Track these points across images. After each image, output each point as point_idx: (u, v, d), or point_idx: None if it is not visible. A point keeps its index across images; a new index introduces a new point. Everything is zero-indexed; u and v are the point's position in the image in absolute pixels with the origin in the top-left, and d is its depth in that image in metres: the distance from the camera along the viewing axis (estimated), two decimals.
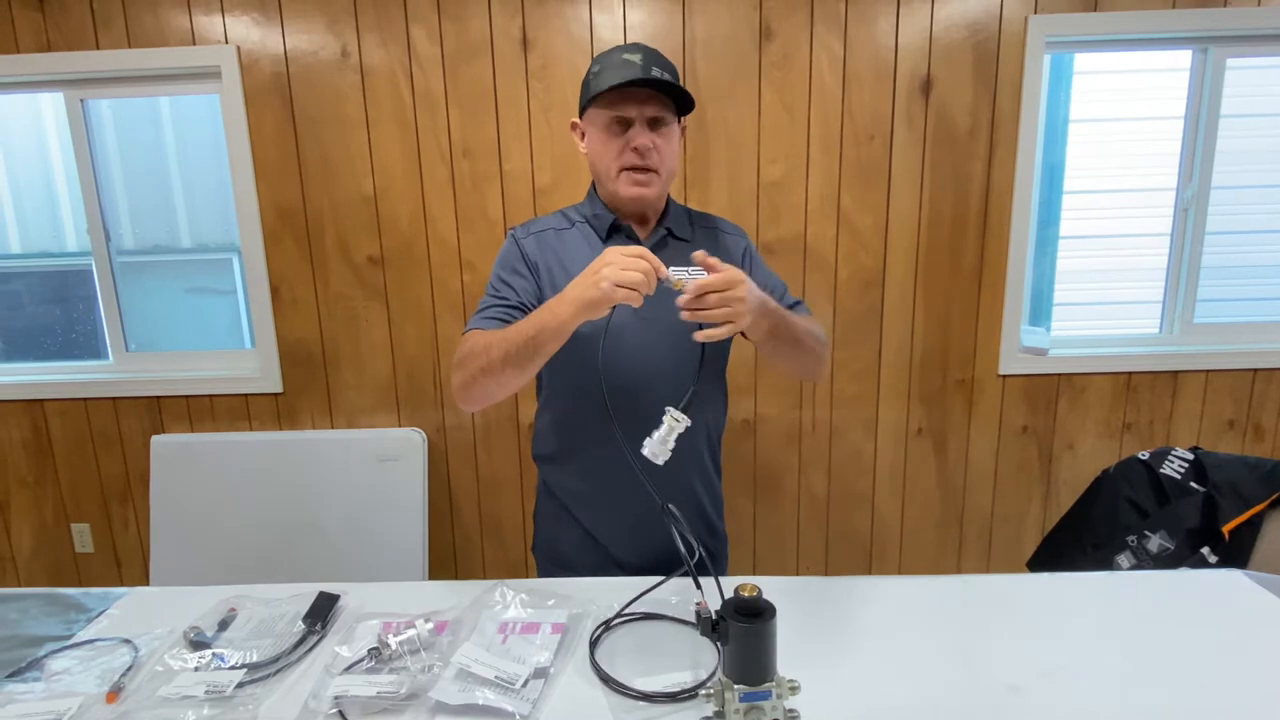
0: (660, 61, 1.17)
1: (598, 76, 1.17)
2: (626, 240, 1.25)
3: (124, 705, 0.88)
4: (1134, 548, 1.74)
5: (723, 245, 1.30)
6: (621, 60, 1.15)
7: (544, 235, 1.27)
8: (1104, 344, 2.52)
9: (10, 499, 2.66)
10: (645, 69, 1.14)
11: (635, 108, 1.16)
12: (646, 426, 1.09)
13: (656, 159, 1.18)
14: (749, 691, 0.76)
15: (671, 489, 1.20)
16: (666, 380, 1.19)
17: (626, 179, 1.19)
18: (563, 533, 1.34)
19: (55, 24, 2.29)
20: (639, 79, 1.12)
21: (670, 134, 1.20)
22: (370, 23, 2.27)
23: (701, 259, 1.03)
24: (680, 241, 1.27)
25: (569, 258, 1.23)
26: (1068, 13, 2.22)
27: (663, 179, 1.21)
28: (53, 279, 2.71)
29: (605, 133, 1.19)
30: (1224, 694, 0.86)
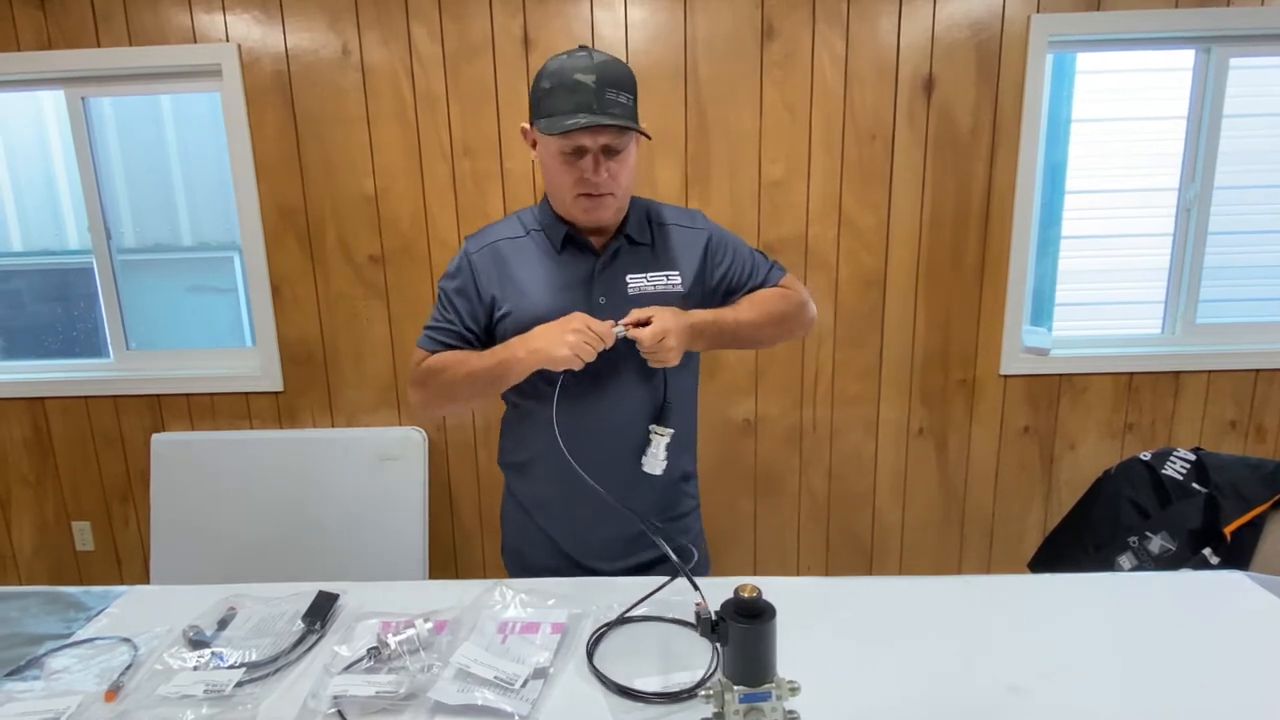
0: (615, 79, 1.11)
1: (548, 98, 1.11)
2: (580, 253, 1.22)
3: (123, 704, 0.88)
4: (1135, 549, 1.73)
5: (678, 245, 1.27)
6: (573, 82, 1.08)
7: (497, 247, 1.24)
8: (1106, 344, 2.51)
9: (11, 497, 2.66)
10: (599, 95, 1.08)
11: (589, 137, 1.11)
12: (609, 430, 1.20)
13: (611, 184, 1.15)
14: (748, 693, 0.76)
15: (640, 507, 1.21)
16: (626, 389, 1.22)
17: (581, 205, 1.17)
18: (528, 539, 1.34)
19: (56, 22, 2.29)
20: (591, 124, 1.07)
21: (626, 157, 1.16)
22: (371, 21, 2.26)
23: (629, 327, 1.11)
24: (638, 246, 1.24)
25: (521, 270, 1.22)
26: (1070, 12, 2.22)
27: (619, 199, 1.19)
28: (54, 277, 2.71)
29: (558, 159, 1.14)
30: (1225, 695, 0.86)
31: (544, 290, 1.20)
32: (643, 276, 1.22)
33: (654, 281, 1.22)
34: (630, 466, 1.22)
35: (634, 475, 1.22)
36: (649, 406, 1.23)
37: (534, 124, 1.16)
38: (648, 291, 1.21)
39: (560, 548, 1.30)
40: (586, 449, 1.16)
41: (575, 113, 1.08)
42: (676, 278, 1.23)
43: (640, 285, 1.21)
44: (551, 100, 1.11)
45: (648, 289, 1.21)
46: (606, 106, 1.09)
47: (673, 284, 1.23)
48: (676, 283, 1.23)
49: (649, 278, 1.22)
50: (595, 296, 1.20)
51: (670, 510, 1.33)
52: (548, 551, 1.31)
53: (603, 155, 1.13)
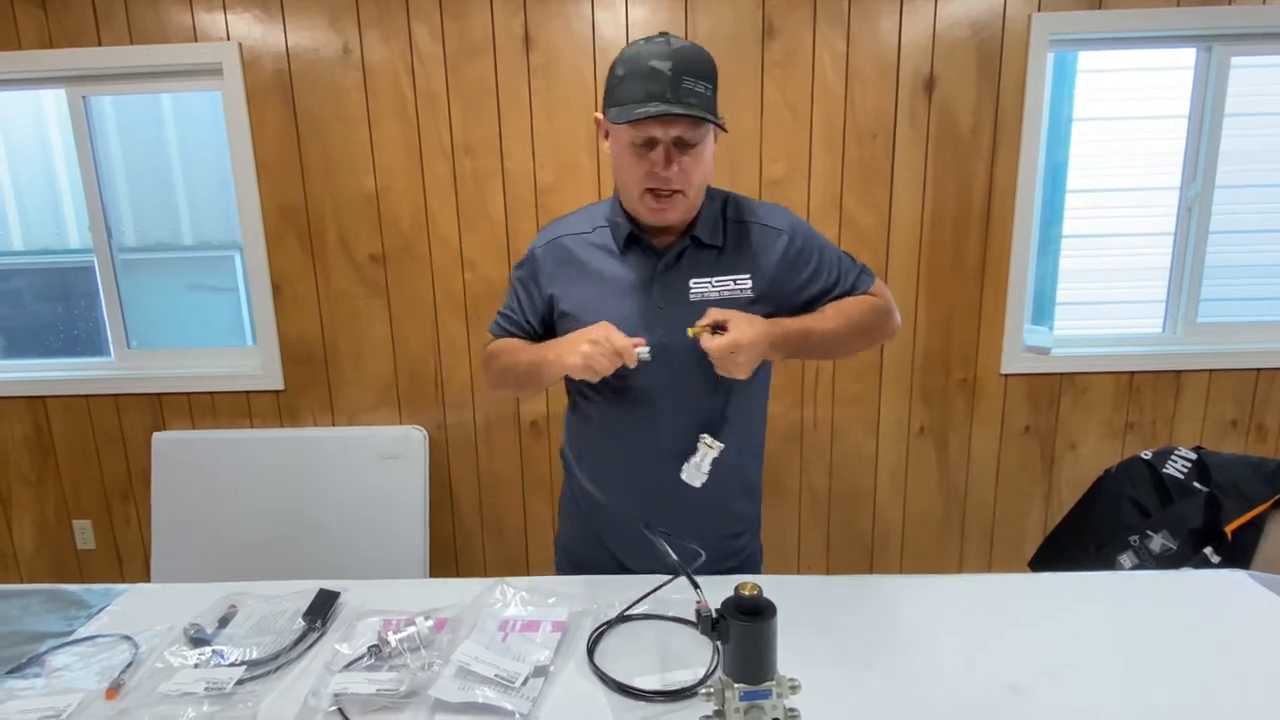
0: (694, 67, 1.03)
1: (621, 85, 1.05)
2: (643, 253, 1.17)
3: (124, 702, 0.88)
4: (1136, 547, 1.73)
5: (753, 245, 1.18)
6: (648, 69, 1.02)
7: (562, 243, 1.20)
8: (1106, 343, 2.51)
9: (12, 495, 2.66)
10: (674, 84, 1.01)
11: (660, 128, 1.04)
12: (664, 434, 1.14)
13: (682, 181, 1.08)
14: (749, 690, 0.76)
15: (690, 522, 1.15)
16: (687, 392, 1.16)
17: (647, 203, 1.10)
18: (578, 534, 1.33)
19: (57, 20, 2.29)
20: (663, 114, 1.01)
21: (700, 152, 1.08)
22: (372, 20, 2.26)
23: (707, 329, 1.06)
24: (708, 249, 1.16)
25: (582, 270, 1.18)
26: (1071, 11, 2.22)
27: (689, 198, 1.11)
28: (54, 276, 2.71)
29: (628, 150, 1.08)
30: (1226, 694, 0.86)
31: (602, 292, 1.16)
32: (708, 281, 1.15)
33: (719, 286, 1.15)
34: (683, 489, 1.14)
35: (684, 485, 1.15)
36: (712, 416, 1.17)
37: (605, 112, 1.10)
38: (710, 297, 1.14)
39: (605, 544, 1.27)
40: (637, 451, 1.14)
41: (647, 101, 1.01)
42: (746, 281, 1.15)
43: (704, 290, 1.14)
44: (624, 88, 1.05)
45: (711, 294, 1.14)
46: (682, 96, 1.02)
47: (740, 289, 1.15)
48: (745, 287, 1.15)
49: (714, 282, 1.15)
50: (654, 301, 1.14)
51: (725, 529, 1.26)
52: (596, 547, 1.28)
53: (675, 148, 1.06)
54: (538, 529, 2.61)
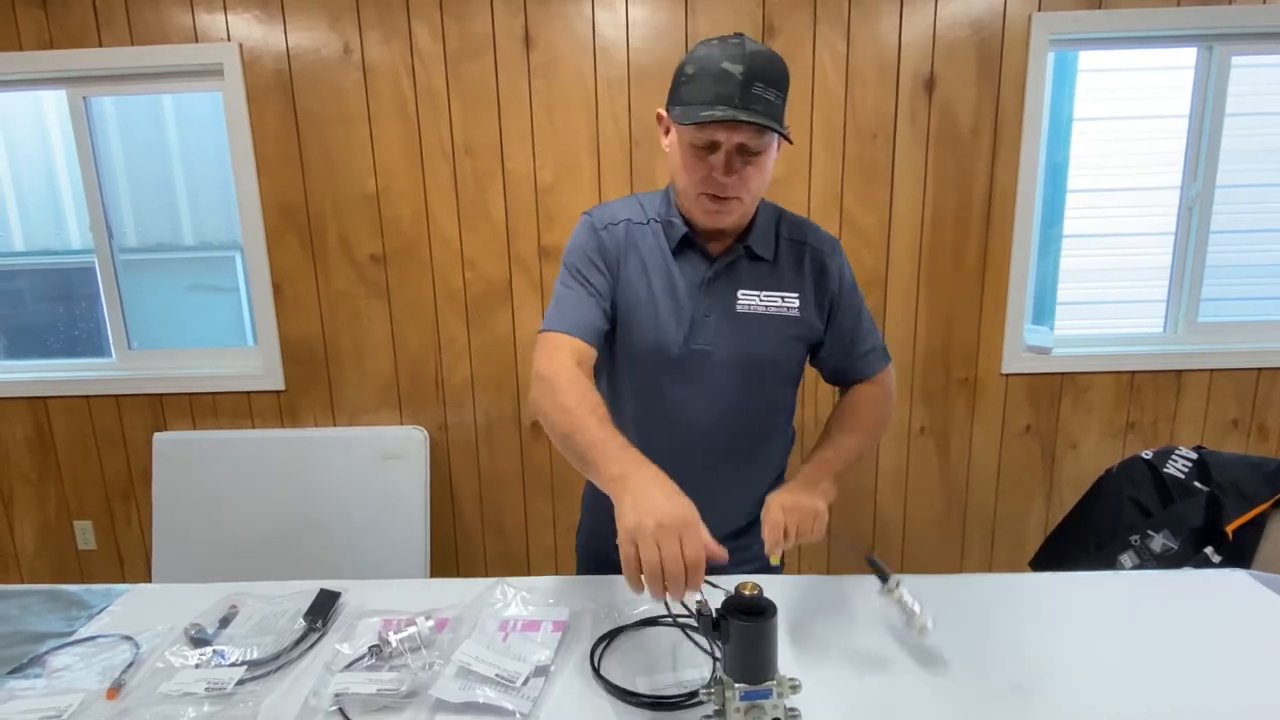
0: (766, 74, 0.99)
1: (689, 84, 1.02)
2: (697, 257, 1.13)
3: (125, 702, 0.88)
4: (1137, 547, 1.73)
5: (806, 266, 1.16)
6: (719, 71, 0.98)
7: (627, 227, 1.16)
8: (1107, 343, 2.51)
9: (13, 496, 2.66)
10: (744, 89, 0.97)
11: (724, 133, 1.00)
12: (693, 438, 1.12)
13: (740, 188, 1.04)
14: (749, 690, 0.76)
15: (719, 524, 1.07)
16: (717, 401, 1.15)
17: (703, 205, 1.07)
18: (600, 525, 1.29)
19: (58, 21, 2.29)
20: (729, 119, 0.97)
21: (762, 160, 1.05)
22: (372, 20, 2.26)
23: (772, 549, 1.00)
24: (759, 262, 1.14)
25: (641, 260, 1.14)
26: (1071, 10, 2.22)
27: (746, 204, 1.08)
28: (55, 276, 2.72)
29: (689, 150, 1.05)
30: (1227, 694, 0.86)
31: (652, 290, 1.13)
32: (756, 294, 1.13)
33: (768, 301, 1.13)
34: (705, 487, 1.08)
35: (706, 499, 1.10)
36: (740, 426, 1.16)
37: (669, 110, 1.07)
38: (757, 310, 1.12)
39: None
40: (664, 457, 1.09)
41: (714, 104, 0.98)
42: (794, 300, 1.14)
43: (751, 303, 1.12)
44: (692, 88, 1.01)
45: (758, 307, 1.12)
46: (750, 102, 0.98)
47: (788, 306, 1.13)
48: (793, 305, 1.13)
49: (762, 296, 1.13)
50: (701, 307, 1.12)
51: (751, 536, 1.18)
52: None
53: (736, 154, 1.02)
54: (538, 529, 2.61)
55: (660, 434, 1.14)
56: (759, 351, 1.13)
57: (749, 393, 1.15)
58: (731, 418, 1.15)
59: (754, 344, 1.12)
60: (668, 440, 1.13)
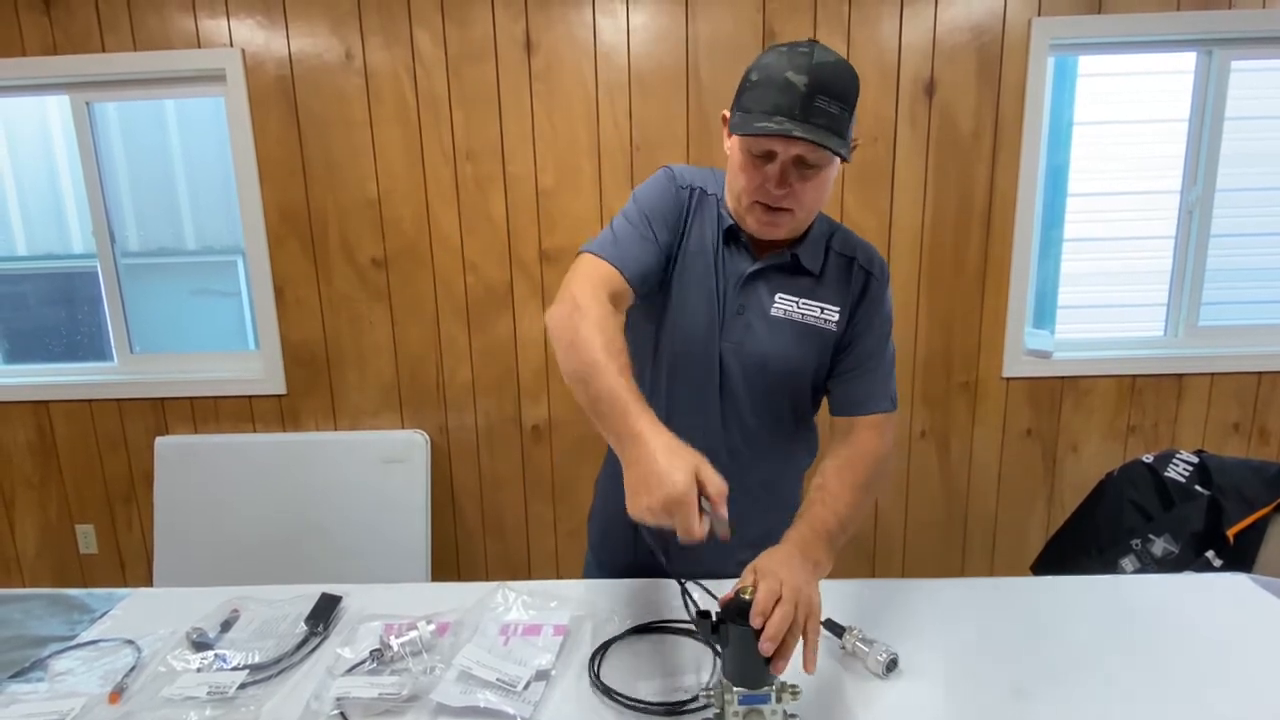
0: (832, 87, 0.94)
1: (752, 90, 0.98)
2: (742, 253, 1.09)
3: (127, 706, 0.88)
4: (1138, 551, 1.73)
5: (853, 280, 1.11)
6: (783, 81, 0.94)
7: (695, 194, 1.11)
8: (1108, 346, 2.51)
9: (15, 499, 2.67)
10: (806, 102, 0.93)
11: (781, 145, 0.96)
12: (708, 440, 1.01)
13: (793, 201, 1.00)
14: (748, 694, 0.76)
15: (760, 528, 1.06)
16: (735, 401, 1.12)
17: (756, 215, 1.03)
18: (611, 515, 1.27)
19: (61, 27, 2.30)
20: (784, 133, 0.93)
21: (820, 176, 1.00)
22: (374, 25, 2.27)
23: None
24: (804, 275, 1.09)
25: (704, 233, 1.10)
26: (1071, 15, 2.22)
27: (799, 218, 1.04)
28: (58, 281, 2.72)
29: (745, 157, 1.01)
30: (1228, 698, 0.86)
31: (695, 271, 1.09)
32: (794, 301, 1.08)
33: (806, 310, 1.08)
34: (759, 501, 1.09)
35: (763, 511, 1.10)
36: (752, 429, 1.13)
37: (732, 113, 1.03)
38: (793, 317, 1.08)
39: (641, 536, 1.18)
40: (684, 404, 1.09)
41: (773, 115, 0.94)
42: (834, 314, 1.09)
43: (787, 309, 1.08)
44: (754, 95, 0.97)
45: (794, 314, 1.08)
46: (810, 115, 0.93)
47: (826, 320, 1.09)
48: (833, 320, 1.09)
49: (800, 304, 1.08)
50: (736, 302, 1.08)
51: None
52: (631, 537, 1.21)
53: (793, 167, 0.98)
54: (539, 532, 2.61)
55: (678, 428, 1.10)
56: (788, 361, 1.09)
57: (769, 401, 1.12)
58: (748, 425, 1.12)
59: (784, 351, 1.08)
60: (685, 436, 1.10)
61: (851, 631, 0.96)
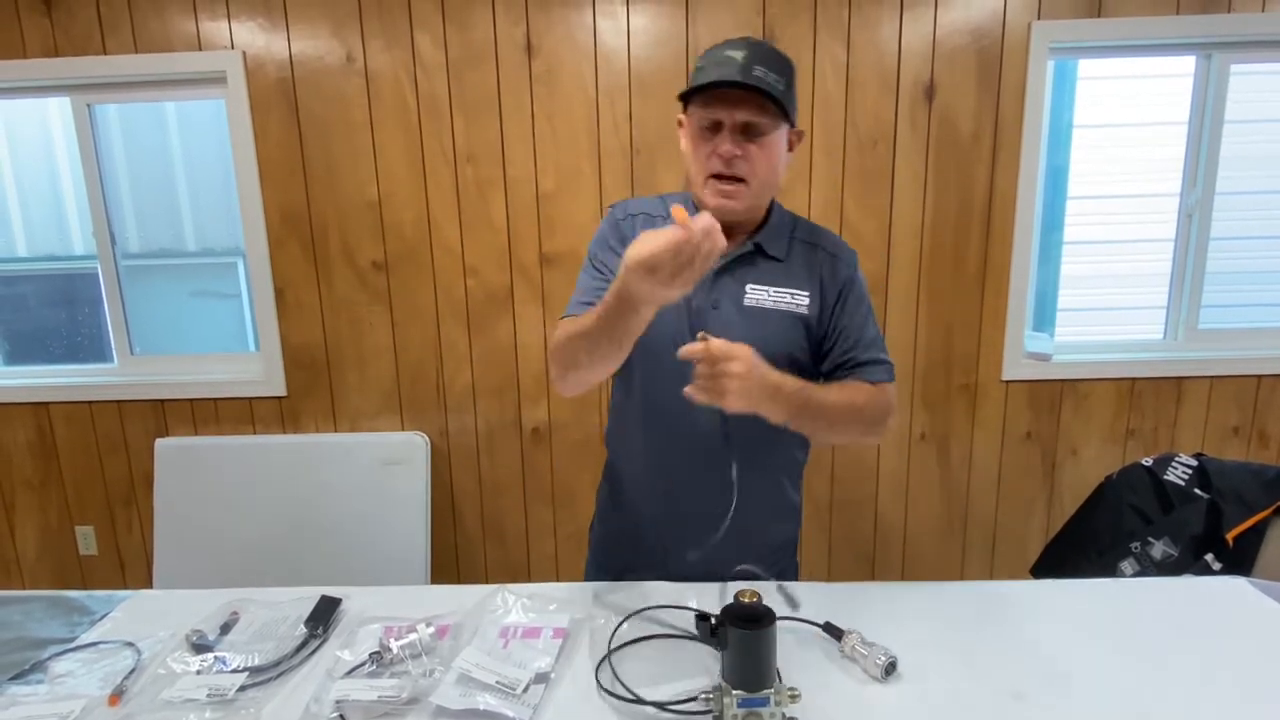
0: (766, 59, 1.02)
1: (696, 75, 1.06)
2: None
3: (126, 708, 0.89)
4: (1138, 554, 1.73)
5: (819, 268, 1.16)
6: (723, 57, 1.03)
7: (638, 220, 1.18)
8: (1108, 349, 2.51)
9: (15, 501, 2.67)
10: (744, 69, 1.01)
11: (726, 111, 1.03)
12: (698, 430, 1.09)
13: (745, 168, 1.05)
14: (748, 697, 0.76)
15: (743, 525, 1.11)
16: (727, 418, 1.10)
17: (712, 188, 1.08)
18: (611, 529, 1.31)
19: (62, 29, 2.31)
20: (724, 81, 1.00)
21: (768, 142, 1.06)
22: (375, 28, 2.28)
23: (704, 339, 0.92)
24: (771, 260, 1.14)
25: None
26: (1071, 18, 2.22)
27: (753, 190, 1.09)
28: (58, 282, 2.73)
29: (697, 136, 1.08)
30: (1227, 702, 0.86)
31: None
32: (765, 289, 1.13)
33: (776, 296, 1.13)
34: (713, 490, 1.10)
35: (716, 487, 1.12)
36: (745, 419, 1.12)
37: (685, 111, 1.11)
38: (765, 304, 1.12)
39: (642, 528, 1.23)
40: (670, 447, 1.14)
41: (716, 83, 1.02)
42: (804, 298, 1.13)
43: (759, 298, 1.12)
44: (697, 76, 1.06)
45: (766, 302, 1.12)
46: (750, 78, 1.00)
47: (797, 303, 1.13)
48: (803, 303, 1.13)
49: (771, 291, 1.13)
50: (709, 298, 1.12)
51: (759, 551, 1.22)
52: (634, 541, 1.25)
53: (741, 133, 1.04)
54: (539, 535, 2.61)
55: (669, 430, 1.14)
56: (766, 345, 1.07)
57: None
58: (738, 418, 1.12)
59: (761, 337, 1.08)
60: (678, 438, 1.13)
61: (850, 635, 0.96)
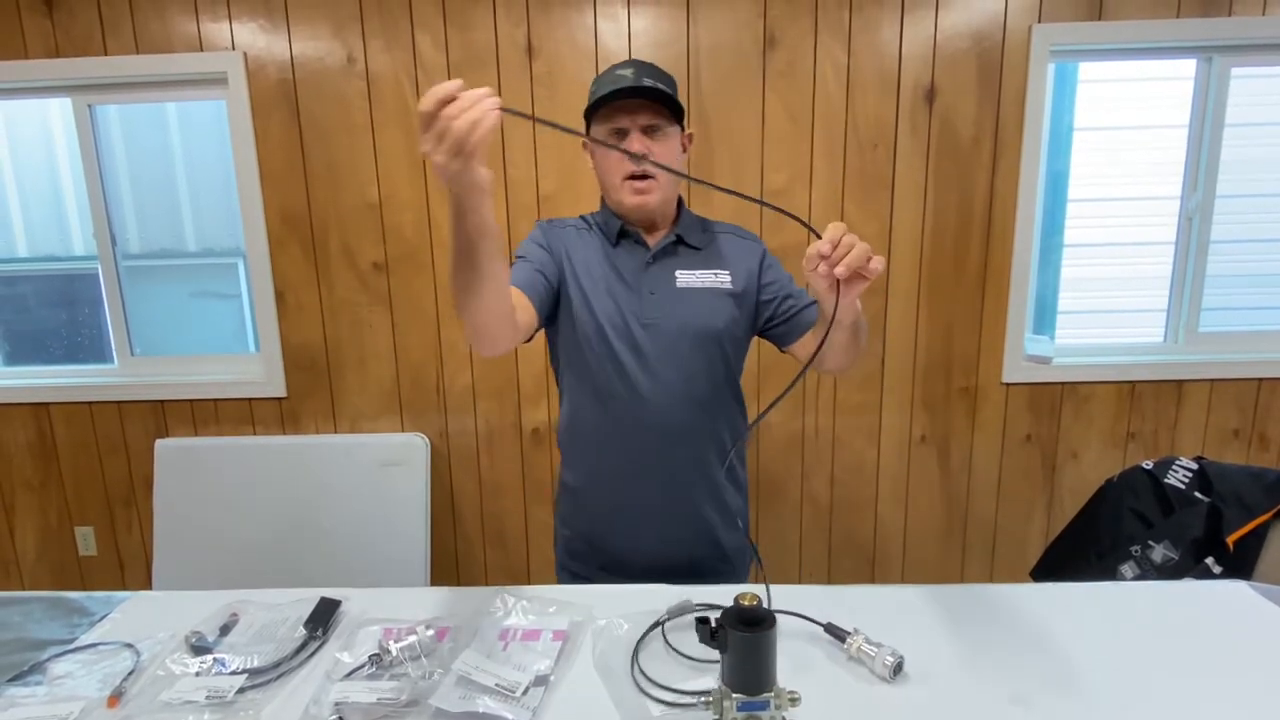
0: (653, 73, 1.19)
1: (593, 95, 1.21)
2: (635, 245, 1.28)
3: (125, 710, 0.88)
4: (1138, 558, 1.73)
5: (732, 250, 1.31)
6: (614, 76, 1.19)
7: (566, 230, 1.31)
8: (1108, 352, 2.51)
9: (15, 502, 2.67)
10: (636, 81, 1.16)
11: (628, 118, 1.18)
12: (648, 408, 1.21)
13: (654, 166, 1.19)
14: (747, 701, 0.76)
15: (677, 505, 1.26)
16: (667, 369, 1.23)
17: (628, 188, 1.22)
18: (573, 530, 1.37)
19: (64, 30, 2.31)
20: (624, 88, 1.15)
21: (667, 140, 1.21)
22: (376, 30, 2.28)
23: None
24: (692, 249, 1.28)
25: (583, 256, 1.27)
26: (1072, 21, 2.23)
27: (664, 185, 1.23)
28: (59, 282, 2.72)
29: (603, 146, 1.22)
30: (1227, 706, 0.86)
31: (597, 278, 1.25)
32: (692, 273, 1.26)
33: (704, 278, 1.26)
34: (665, 469, 1.25)
35: (675, 482, 1.26)
36: (694, 393, 1.23)
37: (589, 133, 1.24)
38: (695, 286, 1.25)
39: (601, 534, 1.32)
40: (623, 429, 1.23)
41: (613, 95, 1.16)
42: (726, 276, 1.27)
43: (689, 280, 1.25)
44: (594, 96, 1.20)
45: (695, 284, 1.25)
46: (642, 85, 1.16)
47: (722, 281, 1.26)
48: (726, 280, 1.26)
49: (698, 274, 1.26)
50: (646, 287, 1.24)
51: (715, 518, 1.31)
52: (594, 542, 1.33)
53: (644, 135, 1.19)
54: (539, 538, 2.61)
55: (620, 415, 1.23)
56: (702, 320, 1.23)
57: (698, 364, 1.24)
58: (684, 392, 1.23)
59: (697, 314, 1.23)
60: (628, 421, 1.23)
61: (856, 635, 0.96)
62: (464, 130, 0.81)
